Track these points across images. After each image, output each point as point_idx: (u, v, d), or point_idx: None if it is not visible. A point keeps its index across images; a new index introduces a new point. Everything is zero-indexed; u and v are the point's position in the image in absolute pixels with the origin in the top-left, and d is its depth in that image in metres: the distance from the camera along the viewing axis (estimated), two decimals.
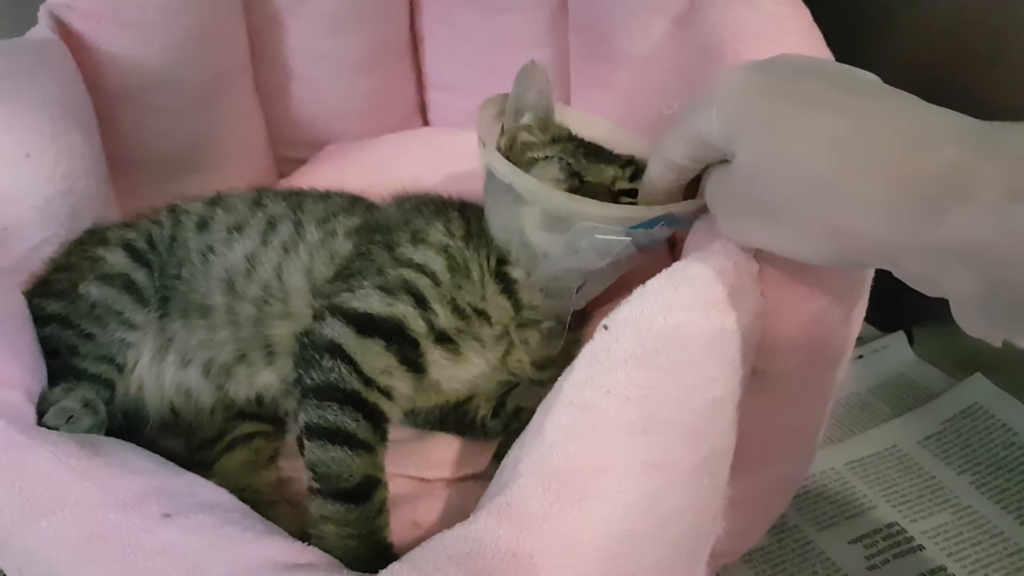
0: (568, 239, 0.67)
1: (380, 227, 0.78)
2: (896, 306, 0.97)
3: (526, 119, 0.78)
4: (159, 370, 0.79)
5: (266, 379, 0.78)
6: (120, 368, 0.76)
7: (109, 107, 0.89)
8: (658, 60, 0.90)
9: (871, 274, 0.65)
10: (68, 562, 0.53)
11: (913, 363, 1.05)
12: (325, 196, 0.86)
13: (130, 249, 0.79)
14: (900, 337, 1.07)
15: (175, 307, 0.78)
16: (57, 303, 0.74)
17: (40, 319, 0.72)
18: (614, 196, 0.71)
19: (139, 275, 0.78)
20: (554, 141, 0.76)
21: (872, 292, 0.67)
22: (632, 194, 0.69)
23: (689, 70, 0.83)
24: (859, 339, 0.71)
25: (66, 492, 0.54)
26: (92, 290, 0.75)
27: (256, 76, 1.08)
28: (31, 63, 0.79)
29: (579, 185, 0.71)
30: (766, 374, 0.59)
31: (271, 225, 0.80)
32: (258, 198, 0.84)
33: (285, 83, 1.10)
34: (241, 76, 1.05)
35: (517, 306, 0.74)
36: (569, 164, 0.72)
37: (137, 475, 0.58)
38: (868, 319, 0.71)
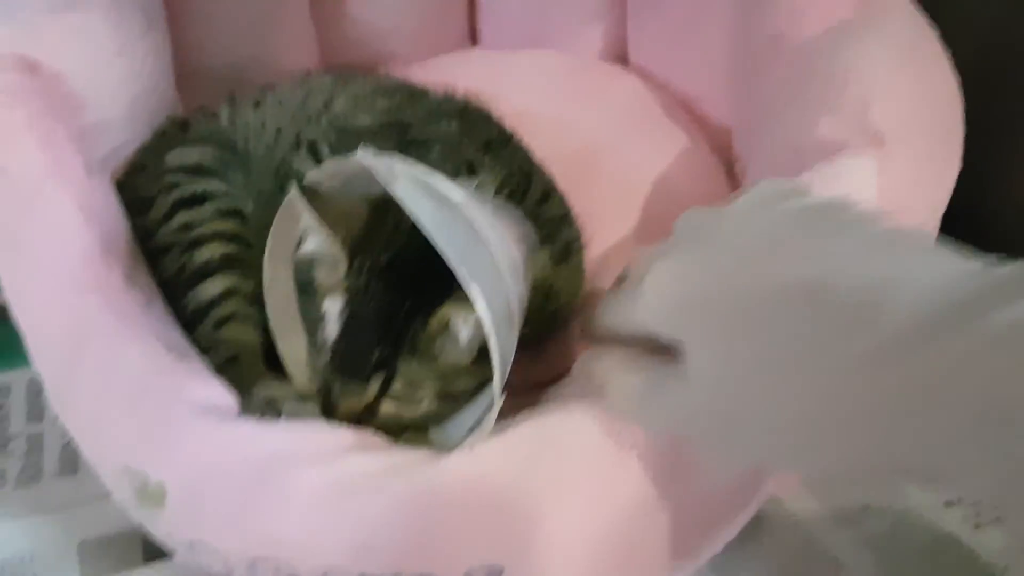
0: None
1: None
2: None
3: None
4: None
5: None
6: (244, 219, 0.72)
7: (171, 17, 0.88)
8: None
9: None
10: None
11: None
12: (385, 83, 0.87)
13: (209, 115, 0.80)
14: None
15: None
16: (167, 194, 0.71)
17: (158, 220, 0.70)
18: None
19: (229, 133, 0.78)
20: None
21: None
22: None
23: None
24: None
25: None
26: (189, 152, 0.73)
27: None
28: None
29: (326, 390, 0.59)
30: None
31: (306, 97, 0.80)
32: (306, 77, 0.85)
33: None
34: None
35: None
36: (329, 374, 0.58)
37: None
38: None
